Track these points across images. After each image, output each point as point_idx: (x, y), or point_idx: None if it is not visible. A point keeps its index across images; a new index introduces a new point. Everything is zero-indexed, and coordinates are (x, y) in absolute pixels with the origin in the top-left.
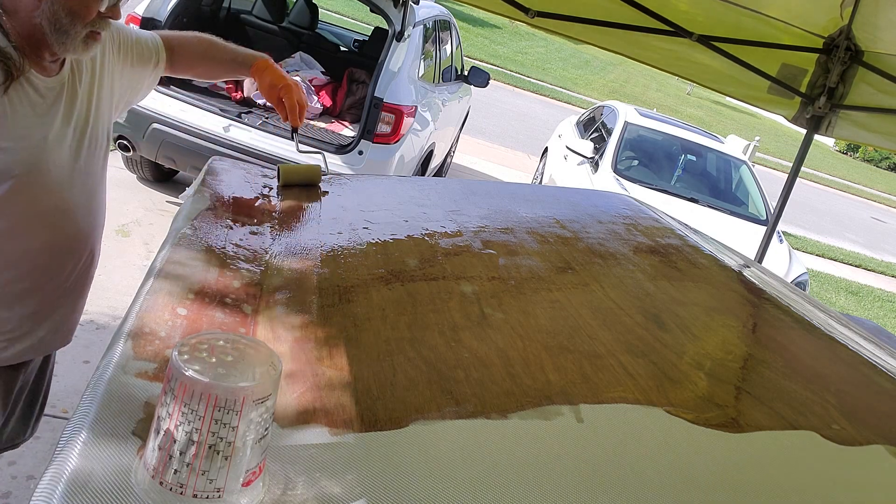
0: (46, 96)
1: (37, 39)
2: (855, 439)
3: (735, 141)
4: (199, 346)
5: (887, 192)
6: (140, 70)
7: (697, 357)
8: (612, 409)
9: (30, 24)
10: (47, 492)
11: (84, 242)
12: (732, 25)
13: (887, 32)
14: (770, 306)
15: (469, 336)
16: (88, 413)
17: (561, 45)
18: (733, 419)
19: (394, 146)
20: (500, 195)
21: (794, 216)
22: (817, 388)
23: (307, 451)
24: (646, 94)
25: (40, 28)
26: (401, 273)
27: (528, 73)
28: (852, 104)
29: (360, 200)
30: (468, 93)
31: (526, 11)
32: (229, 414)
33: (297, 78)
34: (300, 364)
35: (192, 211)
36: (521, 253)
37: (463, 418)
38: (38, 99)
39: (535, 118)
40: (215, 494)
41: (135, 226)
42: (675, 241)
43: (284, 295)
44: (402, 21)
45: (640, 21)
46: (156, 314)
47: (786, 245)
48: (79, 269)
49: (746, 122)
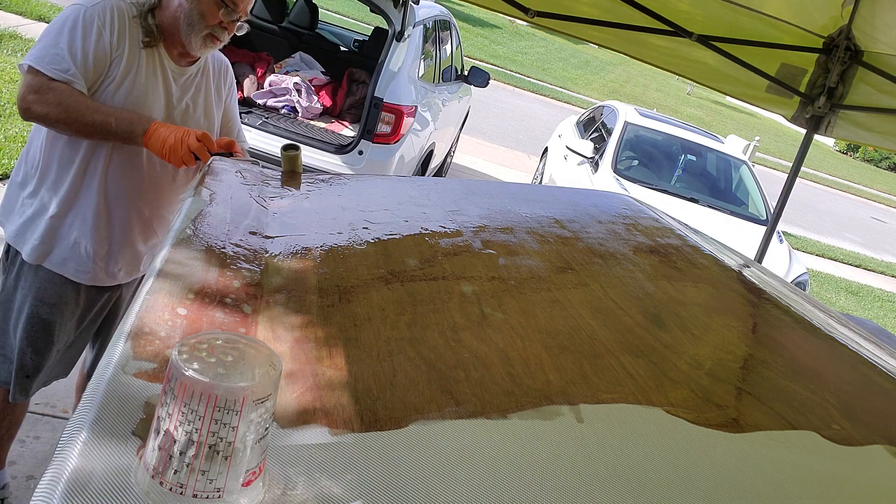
0: (168, 75)
1: (173, 28)
2: (855, 439)
3: (735, 141)
4: (198, 346)
5: (887, 192)
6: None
7: (697, 357)
8: (612, 409)
9: (172, 17)
10: (47, 492)
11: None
12: (732, 25)
13: (887, 32)
14: (770, 306)
15: (469, 336)
16: (88, 413)
17: (561, 45)
18: (733, 419)
19: (394, 146)
20: (500, 195)
21: (794, 216)
22: (817, 388)
23: (307, 451)
24: (646, 94)
25: (177, 21)
26: (401, 273)
27: (528, 73)
28: (852, 104)
29: (360, 200)
30: (468, 93)
31: (526, 11)
32: (229, 414)
33: (296, 78)
34: (300, 364)
35: (191, 211)
36: (521, 253)
37: (463, 418)
38: (160, 74)
39: (535, 118)
40: (215, 494)
41: None
42: (675, 241)
43: (284, 295)
44: (402, 21)
45: (639, 20)
46: (156, 314)
47: (786, 245)
48: (147, 231)
49: (746, 121)
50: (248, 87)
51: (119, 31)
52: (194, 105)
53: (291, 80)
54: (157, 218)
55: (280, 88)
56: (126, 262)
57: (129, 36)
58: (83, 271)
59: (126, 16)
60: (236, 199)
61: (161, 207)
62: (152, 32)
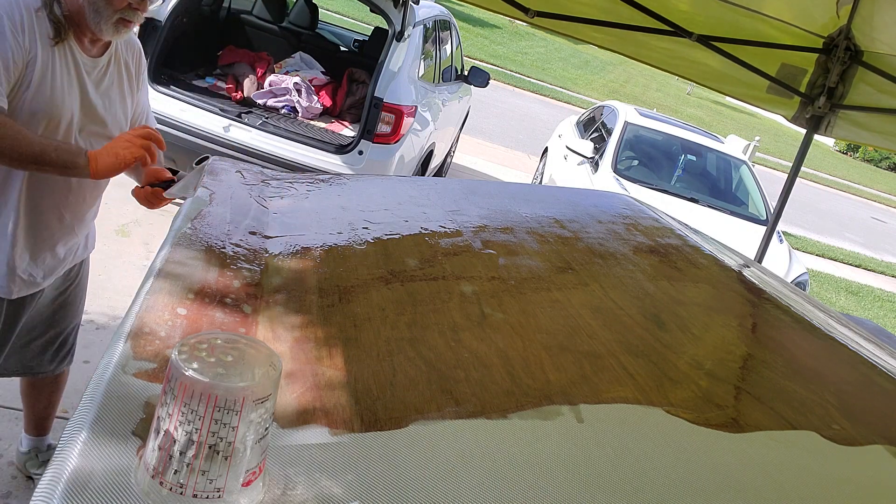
0: (80, 70)
1: (80, 17)
2: (855, 439)
3: (735, 141)
4: (198, 346)
5: (887, 192)
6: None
7: (697, 357)
8: (612, 409)
9: (76, 4)
10: (47, 492)
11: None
12: (732, 25)
13: (886, 32)
14: (770, 306)
15: (469, 336)
16: (88, 413)
17: (561, 45)
18: (733, 419)
19: (394, 146)
20: (500, 195)
21: (794, 216)
22: (817, 388)
23: (307, 451)
24: (646, 94)
25: (83, 8)
26: (401, 273)
27: (528, 73)
28: (852, 104)
29: (360, 200)
30: (468, 93)
31: (526, 11)
32: (229, 414)
33: (296, 78)
34: (300, 364)
35: (191, 211)
36: (521, 253)
37: (463, 418)
38: (73, 71)
39: (535, 118)
40: (215, 494)
41: (135, 226)
42: (675, 241)
43: (284, 295)
44: (402, 21)
45: (639, 21)
46: (156, 314)
47: (786, 245)
48: (67, 236)
49: (746, 121)
50: (248, 87)
51: (29, 29)
52: (109, 98)
53: (291, 80)
54: (77, 222)
55: (280, 88)
56: (46, 267)
57: (39, 33)
58: (5, 287)
59: (32, 10)
60: (236, 199)
61: (83, 212)
62: (61, 24)
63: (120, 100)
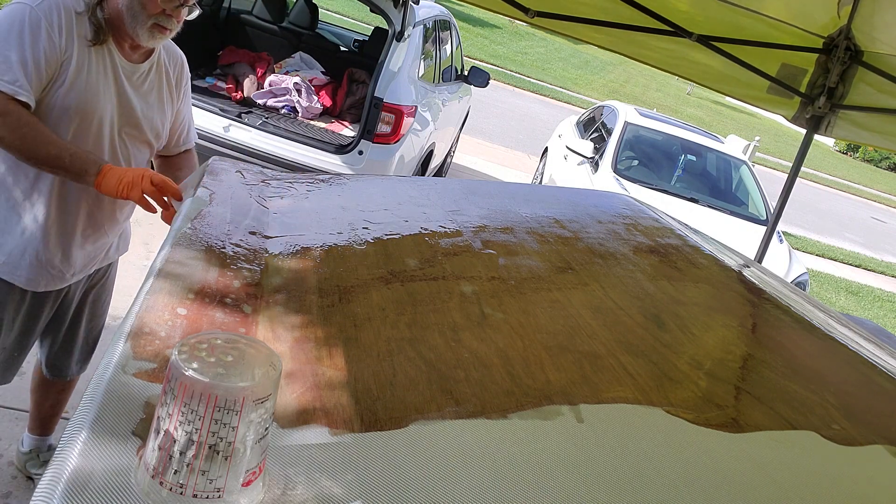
0: (119, 73)
1: (119, 21)
2: (855, 439)
3: (735, 141)
4: (198, 346)
5: (887, 192)
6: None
7: (697, 357)
8: (612, 409)
9: (116, 9)
10: (47, 492)
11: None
12: (732, 25)
13: (887, 32)
14: (770, 306)
15: (469, 336)
16: (88, 413)
17: (561, 45)
18: (733, 419)
19: (394, 146)
20: (500, 195)
21: (794, 216)
22: (817, 388)
23: (307, 451)
24: (646, 94)
25: (122, 13)
26: (401, 273)
27: (528, 73)
28: (852, 104)
29: (360, 200)
30: (468, 93)
31: (526, 11)
32: (229, 414)
33: (296, 78)
34: (300, 364)
35: (191, 211)
36: (521, 253)
37: (463, 418)
38: (111, 73)
39: (535, 118)
40: (215, 494)
41: (135, 226)
42: (675, 241)
43: (284, 295)
44: (402, 21)
45: (639, 21)
46: (156, 314)
47: (786, 245)
48: (97, 233)
49: (746, 122)
50: (248, 87)
51: (67, 30)
52: (147, 104)
53: (291, 80)
54: (109, 221)
55: (280, 88)
56: (77, 264)
57: (77, 34)
58: (33, 279)
59: (72, 12)
60: (236, 199)
61: (114, 211)
62: (101, 28)
63: (158, 107)
